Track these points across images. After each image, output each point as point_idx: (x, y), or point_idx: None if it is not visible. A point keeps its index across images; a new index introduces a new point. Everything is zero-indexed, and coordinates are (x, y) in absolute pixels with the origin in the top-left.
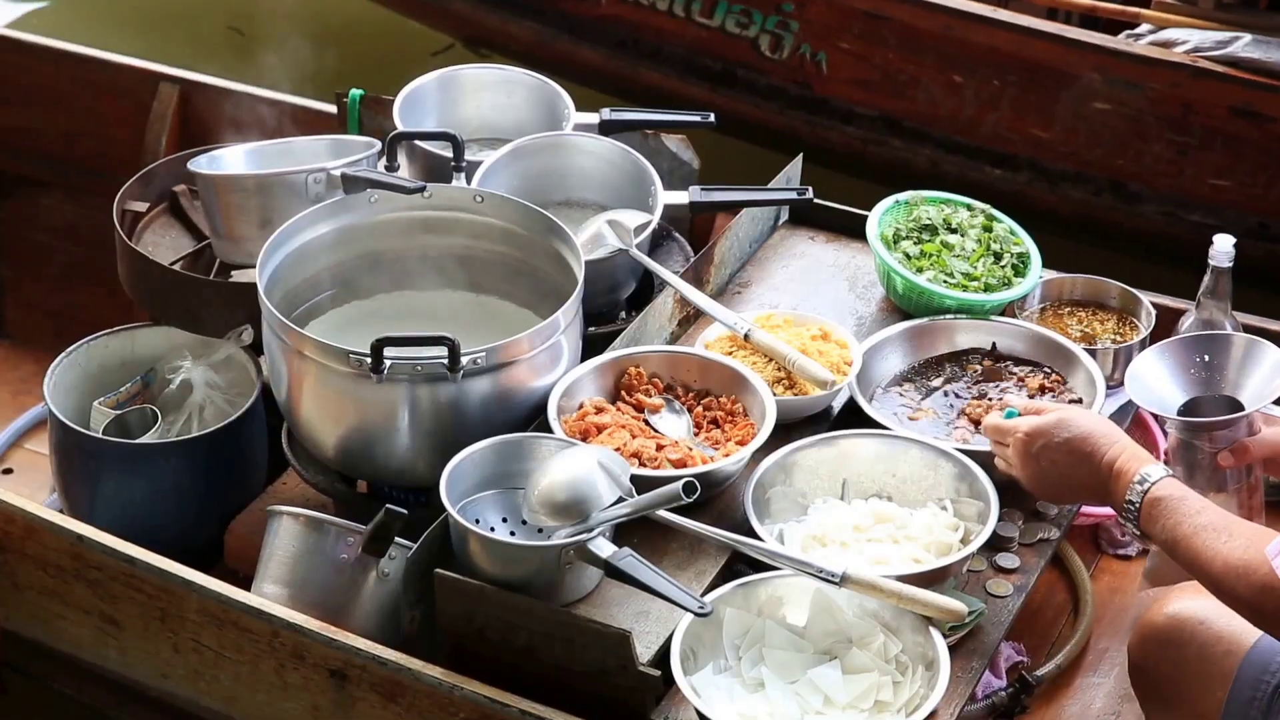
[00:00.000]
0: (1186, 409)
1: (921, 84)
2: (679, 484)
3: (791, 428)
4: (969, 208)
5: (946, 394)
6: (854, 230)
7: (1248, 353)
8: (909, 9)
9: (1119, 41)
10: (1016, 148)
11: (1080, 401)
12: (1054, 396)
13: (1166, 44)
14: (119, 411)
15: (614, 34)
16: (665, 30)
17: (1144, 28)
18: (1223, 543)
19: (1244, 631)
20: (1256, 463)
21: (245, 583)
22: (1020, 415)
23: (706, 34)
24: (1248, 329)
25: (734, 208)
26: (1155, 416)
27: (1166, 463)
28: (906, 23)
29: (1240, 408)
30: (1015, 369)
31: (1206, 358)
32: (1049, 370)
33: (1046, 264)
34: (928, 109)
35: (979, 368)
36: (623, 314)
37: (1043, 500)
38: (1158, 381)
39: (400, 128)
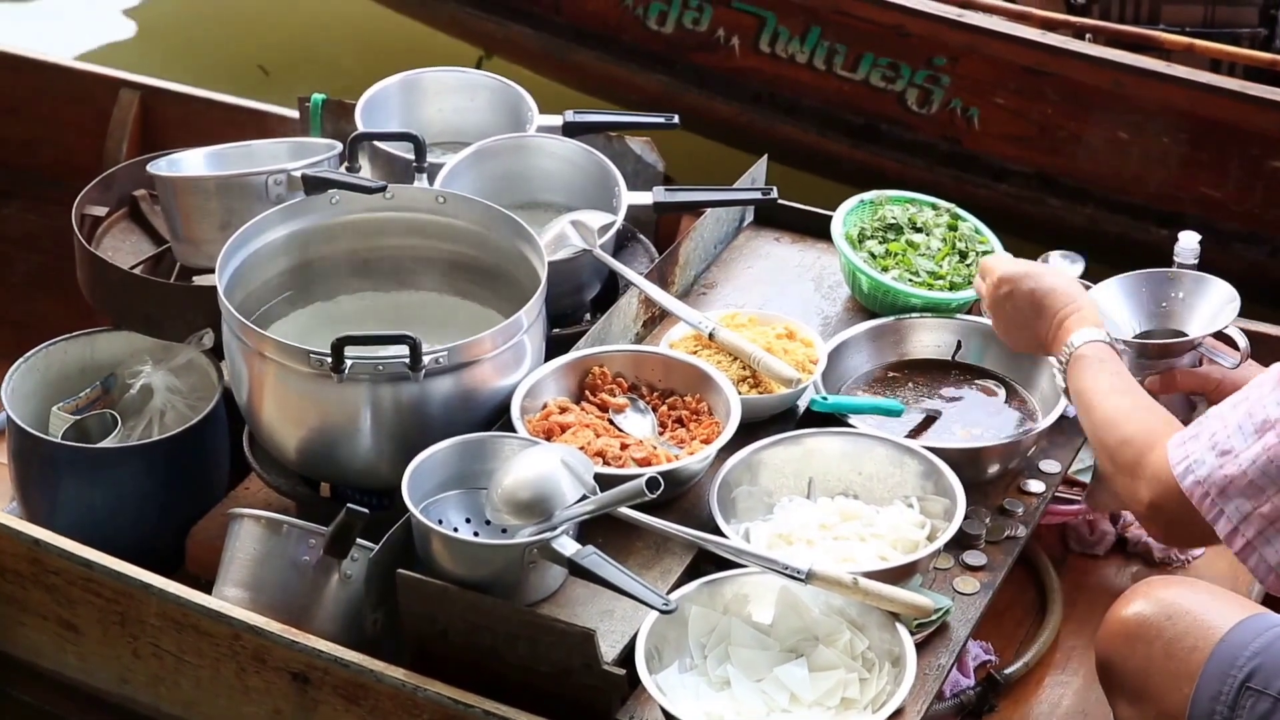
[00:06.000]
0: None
1: (1083, 140)
2: (642, 480)
3: (757, 426)
4: (934, 207)
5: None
6: (819, 230)
7: (1196, 289)
8: (1074, 64)
9: None
10: (1185, 206)
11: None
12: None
13: None
14: (78, 417)
15: (748, 88)
16: (804, 83)
17: None
18: (1127, 404)
19: (1211, 627)
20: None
21: (207, 589)
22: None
23: (849, 88)
24: (1245, 334)
25: (698, 208)
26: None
27: None
28: (1071, 78)
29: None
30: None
31: (1179, 294)
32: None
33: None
34: (1088, 166)
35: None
36: (587, 315)
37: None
38: (1115, 311)
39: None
